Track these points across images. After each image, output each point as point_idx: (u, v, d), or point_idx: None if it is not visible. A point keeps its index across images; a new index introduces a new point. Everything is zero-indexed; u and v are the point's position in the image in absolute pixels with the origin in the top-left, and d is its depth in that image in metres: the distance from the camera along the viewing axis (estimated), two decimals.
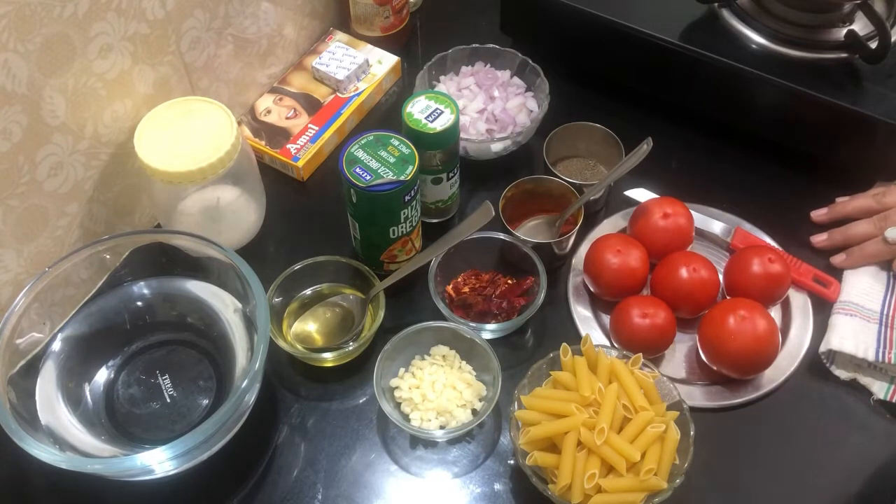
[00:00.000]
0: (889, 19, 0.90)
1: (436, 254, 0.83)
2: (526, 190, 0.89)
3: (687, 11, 0.95)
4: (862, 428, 0.79)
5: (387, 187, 0.78)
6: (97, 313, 0.81)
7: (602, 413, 0.69)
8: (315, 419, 0.81)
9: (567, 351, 0.73)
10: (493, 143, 0.94)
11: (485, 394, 0.79)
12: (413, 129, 0.82)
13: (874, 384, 0.80)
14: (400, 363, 0.81)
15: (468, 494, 0.76)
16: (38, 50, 0.70)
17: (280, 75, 1.04)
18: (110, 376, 0.80)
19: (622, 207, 0.92)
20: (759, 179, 0.96)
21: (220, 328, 0.80)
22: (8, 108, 0.70)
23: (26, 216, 0.77)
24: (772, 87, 0.89)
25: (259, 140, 0.98)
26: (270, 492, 0.76)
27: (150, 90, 0.84)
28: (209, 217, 0.86)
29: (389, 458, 0.78)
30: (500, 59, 1.01)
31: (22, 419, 0.69)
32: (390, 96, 1.06)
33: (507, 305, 0.84)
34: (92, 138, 0.80)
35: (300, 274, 0.85)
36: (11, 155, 0.73)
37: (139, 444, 0.76)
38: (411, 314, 0.85)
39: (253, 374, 0.70)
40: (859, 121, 0.86)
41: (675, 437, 0.69)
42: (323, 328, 0.84)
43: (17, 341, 0.74)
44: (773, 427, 0.80)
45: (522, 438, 0.70)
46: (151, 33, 0.81)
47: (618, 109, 1.00)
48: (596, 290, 0.86)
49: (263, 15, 0.95)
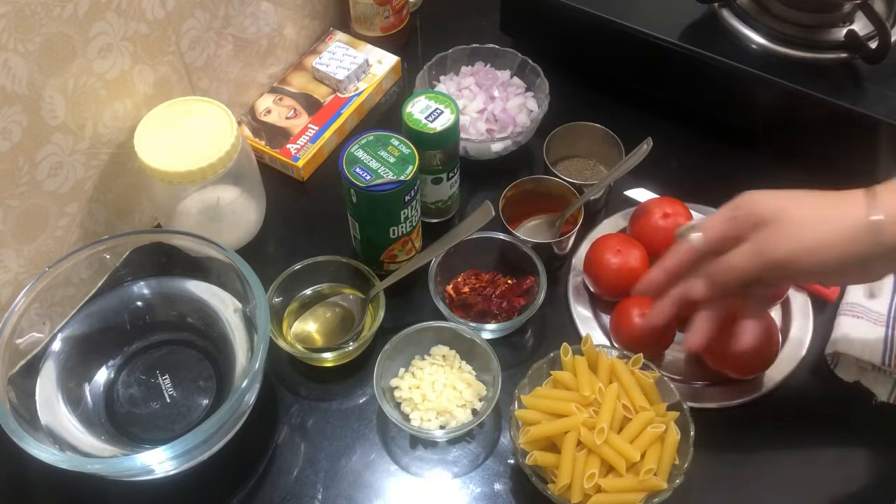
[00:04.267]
0: (889, 19, 0.90)
1: (436, 254, 0.83)
2: (526, 190, 0.89)
3: (687, 11, 0.95)
4: (862, 429, 0.79)
5: (387, 187, 0.78)
6: (97, 313, 0.81)
7: (602, 413, 0.69)
8: (315, 419, 0.81)
9: (567, 351, 0.73)
10: (493, 143, 0.94)
11: (485, 394, 0.79)
12: (413, 129, 0.82)
13: (877, 387, 0.80)
14: (400, 363, 0.81)
15: (468, 494, 0.76)
16: (38, 50, 0.70)
17: (280, 75, 1.04)
18: (110, 376, 0.80)
19: (622, 207, 0.92)
20: (759, 179, 0.95)
21: (220, 328, 0.80)
22: (8, 108, 0.70)
23: (26, 216, 0.77)
24: (772, 87, 0.89)
25: (259, 140, 0.98)
26: (270, 492, 0.76)
27: (150, 90, 0.84)
28: (209, 217, 0.86)
29: (389, 458, 0.78)
30: (500, 59, 1.01)
31: (22, 419, 0.69)
32: (390, 96, 1.06)
33: (507, 305, 0.84)
34: (92, 138, 0.80)
35: (300, 274, 0.85)
36: (11, 155, 0.73)
37: (139, 444, 0.76)
38: (411, 314, 0.85)
39: (253, 374, 0.70)
40: (859, 121, 0.86)
41: (675, 437, 0.69)
42: (323, 328, 0.84)
43: (17, 341, 0.74)
44: (773, 427, 0.80)
45: (522, 438, 0.70)
46: (151, 33, 0.81)
47: (618, 109, 1.00)
48: (596, 290, 0.86)
49: (263, 15, 0.95)
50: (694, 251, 0.69)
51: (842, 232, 0.61)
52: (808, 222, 0.63)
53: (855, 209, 0.61)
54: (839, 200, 0.63)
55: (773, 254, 0.63)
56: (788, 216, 0.64)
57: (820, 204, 0.64)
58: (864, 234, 0.61)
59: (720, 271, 0.67)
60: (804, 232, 0.63)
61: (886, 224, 0.60)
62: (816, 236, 0.62)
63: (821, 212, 0.63)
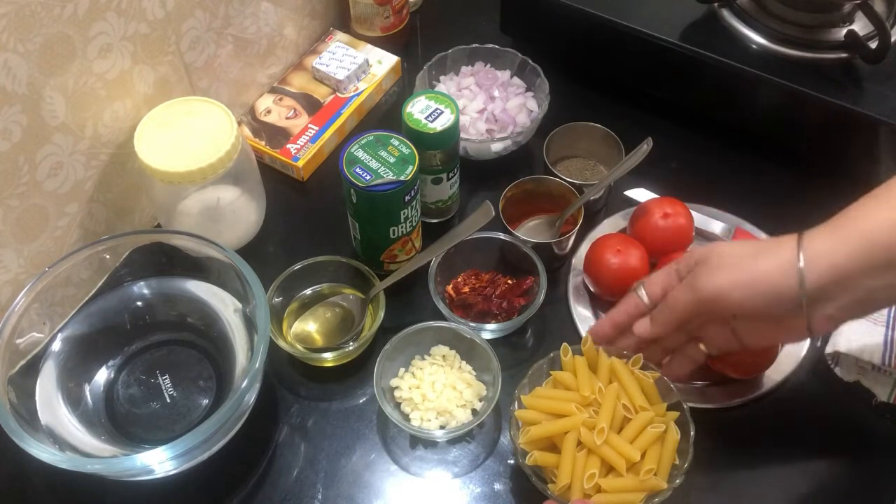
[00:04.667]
0: (889, 19, 0.90)
1: (436, 254, 0.83)
2: (526, 190, 0.89)
3: (687, 11, 0.95)
4: (863, 429, 0.79)
5: (387, 187, 0.78)
6: (97, 313, 0.81)
7: (602, 413, 0.69)
8: (315, 419, 0.81)
9: (567, 351, 0.73)
10: (493, 143, 0.94)
11: (485, 394, 0.79)
12: (413, 129, 0.82)
13: (877, 387, 0.80)
14: (400, 363, 0.81)
15: (468, 494, 0.76)
16: (38, 50, 0.70)
17: (280, 75, 1.04)
18: (110, 376, 0.80)
19: (622, 207, 0.92)
20: (759, 179, 0.96)
21: (220, 328, 0.80)
22: (8, 108, 0.70)
23: (26, 216, 0.77)
24: (772, 87, 0.89)
25: (259, 140, 0.98)
26: (270, 492, 0.76)
27: (150, 90, 0.84)
28: (209, 217, 0.86)
29: (389, 458, 0.78)
30: (500, 59, 1.01)
31: (22, 419, 0.69)
32: (390, 96, 1.06)
33: (507, 305, 0.84)
34: (92, 138, 0.80)
35: (300, 274, 0.85)
36: (11, 155, 0.73)
37: (139, 444, 0.76)
38: (411, 314, 0.85)
39: (253, 374, 0.70)
40: (859, 121, 0.86)
41: (675, 437, 0.69)
42: (323, 328, 0.84)
43: (17, 341, 0.74)
44: (773, 427, 0.79)
45: (522, 438, 0.70)
46: (151, 33, 0.81)
47: (618, 109, 1.00)
48: (596, 290, 0.86)
49: (263, 15, 0.95)
50: (641, 306, 0.73)
51: (769, 269, 0.64)
52: (739, 259, 0.66)
53: (785, 252, 0.63)
54: (771, 244, 0.66)
55: (704, 288, 0.66)
56: (719, 254, 0.67)
57: (753, 246, 0.67)
58: (791, 275, 0.63)
59: (659, 308, 0.71)
60: (734, 269, 0.65)
61: (807, 272, 0.62)
62: (746, 273, 0.65)
63: (752, 251, 0.66)
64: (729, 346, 0.70)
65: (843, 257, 0.61)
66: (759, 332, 0.68)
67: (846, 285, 0.62)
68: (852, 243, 0.61)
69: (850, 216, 0.63)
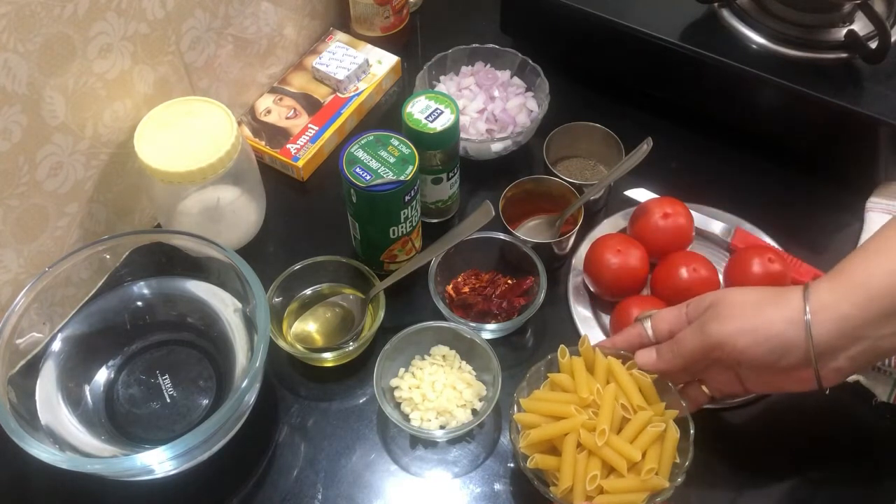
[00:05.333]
0: (889, 19, 0.90)
1: (436, 254, 0.83)
2: (526, 190, 0.89)
3: (687, 11, 0.95)
4: (863, 429, 0.79)
5: (387, 187, 0.78)
6: (97, 313, 0.81)
7: (601, 414, 0.69)
8: (315, 419, 0.81)
9: (565, 353, 0.73)
10: (493, 143, 0.94)
11: (485, 394, 0.79)
12: (413, 129, 0.82)
13: (877, 387, 0.80)
14: (400, 363, 0.81)
15: (468, 494, 0.76)
16: (38, 50, 0.70)
17: (280, 75, 1.04)
18: (110, 376, 0.80)
19: (622, 207, 0.92)
20: (759, 179, 0.96)
21: (220, 328, 0.80)
22: (8, 108, 0.70)
23: (26, 216, 0.77)
24: (772, 87, 0.89)
25: (259, 140, 0.98)
26: (270, 492, 0.76)
27: (150, 90, 0.84)
28: (209, 217, 0.86)
29: (389, 458, 0.78)
30: (500, 59, 1.01)
31: (22, 419, 0.69)
32: (390, 96, 1.06)
33: (507, 305, 0.84)
34: (92, 138, 0.80)
35: (300, 274, 0.84)
36: (11, 155, 0.73)
37: (139, 444, 0.76)
38: (411, 314, 0.85)
39: (253, 374, 0.70)
40: (859, 121, 0.86)
41: (675, 436, 0.69)
42: (323, 328, 0.84)
43: (17, 341, 0.74)
44: (773, 427, 0.79)
45: (522, 441, 0.70)
46: (151, 33, 0.81)
47: (618, 109, 1.00)
48: (596, 290, 0.86)
49: (263, 15, 0.95)
50: (644, 338, 0.73)
51: (777, 320, 0.64)
52: (749, 306, 0.66)
53: (792, 303, 0.64)
54: (779, 294, 0.66)
55: (713, 334, 0.66)
56: (731, 302, 0.67)
57: (762, 294, 0.67)
58: (799, 327, 0.63)
59: (667, 346, 0.71)
60: (744, 315, 0.66)
61: (814, 323, 0.63)
62: (754, 320, 0.65)
63: (761, 300, 0.67)
64: (732, 390, 0.71)
65: (848, 307, 0.62)
66: (765, 381, 0.69)
67: (854, 336, 0.63)
68: (857, 294, 0.62)
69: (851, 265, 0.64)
